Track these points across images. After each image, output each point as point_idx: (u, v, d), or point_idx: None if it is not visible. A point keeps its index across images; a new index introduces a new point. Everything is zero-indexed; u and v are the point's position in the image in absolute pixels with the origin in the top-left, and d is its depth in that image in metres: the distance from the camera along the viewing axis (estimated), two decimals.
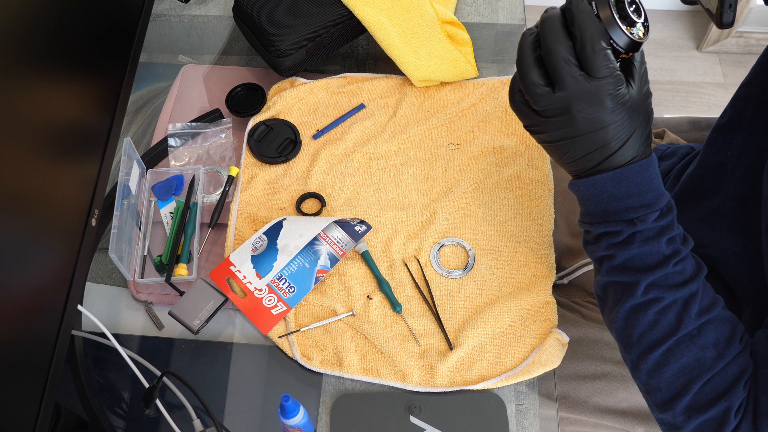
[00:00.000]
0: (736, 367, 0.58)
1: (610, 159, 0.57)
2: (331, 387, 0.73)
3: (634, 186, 0.58)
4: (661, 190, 0.59)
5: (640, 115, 0.57)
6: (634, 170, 0.58)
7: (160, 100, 0.93)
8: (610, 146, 0.57)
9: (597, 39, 0.53)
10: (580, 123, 0.56)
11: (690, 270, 0.60)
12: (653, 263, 0.59)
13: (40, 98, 0.61)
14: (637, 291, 0.60)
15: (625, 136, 0.56)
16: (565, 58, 0.54)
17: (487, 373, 0.71)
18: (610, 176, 0.58)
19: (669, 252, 0.59)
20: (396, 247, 0.79)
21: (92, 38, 0.73)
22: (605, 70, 0.53)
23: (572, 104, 0.55)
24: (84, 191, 0.69)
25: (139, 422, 0.72)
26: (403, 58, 0.88)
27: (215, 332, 0.76)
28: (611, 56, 0.54)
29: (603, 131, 0.56)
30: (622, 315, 0.61)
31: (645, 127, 0.58)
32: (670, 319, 0.59)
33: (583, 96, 0.54)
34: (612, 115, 0.55)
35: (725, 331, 0.59)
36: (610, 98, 0.54)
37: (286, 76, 0.91)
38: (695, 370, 0.58)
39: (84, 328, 0.76)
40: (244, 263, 0.76)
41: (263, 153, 0.85)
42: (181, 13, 1.02)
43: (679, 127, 1.06)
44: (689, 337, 0.58)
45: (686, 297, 0.59)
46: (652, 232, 0.59)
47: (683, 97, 1.96)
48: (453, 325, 0.74)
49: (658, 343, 0.59)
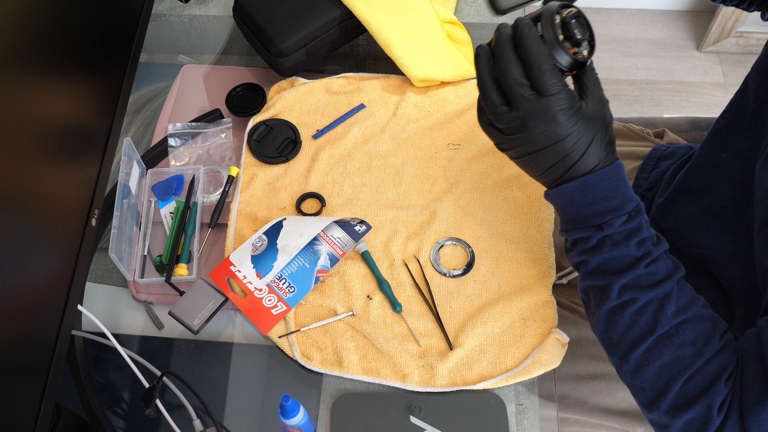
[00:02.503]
0: (717, 365, 0.59)
1: (574, 168, 0.60)
2: (331, 387, 0.73)
3: (600, 192, 0.60)
4: (629, 195, 0.61)
5: (597, 123, 0.59)
6: (598, 177, 0.60)
7: (160, 100, 0.93)
8: (570, 157, 0.59)
9: (542, 60, 0.56)
10: (538, 139, 0.58)
11: (664, 270, 0.61)
12: (625, 266, 0.61)
13: (40, 98, 0.62)
14: (611, 293, 0.61)
15: (584, 145, 0.59)
16: (516, 80, 0.57)
17: (487, 373, 0.71)
18: (575, 185, 0.60)
19: (640, 254, 0.61)
20: (396, 247, 0.79)
21: (92, 38, 0.73)
22: (554, 88, 0.56)
23: (528, 122, 0.58)
24: (84, 191, 0.69)
25: (139, 422, 0.72)
26: (403, 58, 0.88)
27: (215, 332, 0.76)
28: (558, 74, 0.57)
29: (561, 144, 0.58)
30: (601, 318, 0.63)
31: (604, 134, 0.60)
32: (646, 319, 0.60)
33: (537, 113, 0.57)
34: (566, 128, 0.57)
35: (704, 328, 0.60)
36: (561, 113, 0.57)
37: (286, 76, 0.91)
38: (675, 368, 0.59)
39: (84, 328, 0.76)
40: (244, 263, 0.76)
41: (263, 153, 0.85)
42: (181, 13, 1.02)
43: (679, 127, 1.06)
44: (667, 336, 0.60)
45: (661, 297, 0.60)
46: (621, 235, 0.61)
47: (683, 97, 1.96)
48: (453, 325, 0.74)
49: (637, 343, 0.60)
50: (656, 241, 0.62)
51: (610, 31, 2.10)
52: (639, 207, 0.61)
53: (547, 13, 0.57)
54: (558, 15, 0.57)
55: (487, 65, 0.59)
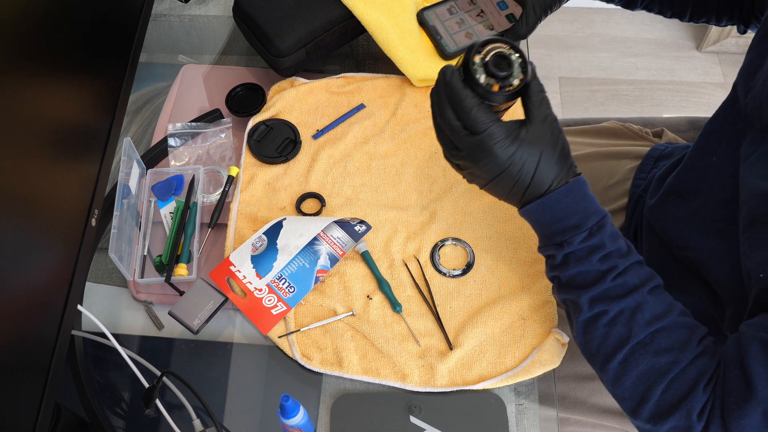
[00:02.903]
0: (694, 371, 0.59)
1: (530, 190, 0.62)
2: (331, 387, 0.73)
3: (558, 212, 0.62)
4: (590, 211, 0.62)
5: (541, 143, 0.60)
6: (555, 198, 0.62)
7: (160, 100, 0.93)
8: (522, 181, 0.61)
9: (464, 103, 0.59)
10: (485, 172, 0.61)
11: (634, 281, 0.62)
12: (592, 279, 0.63)
13: (40, 98, 0.62)
14: (582, 306, 0.63)
15: (531, 168, 0.60)
16: (451, 124, 0.60)
17: (487, 373, 0.71)
18: (534, 206, 0.63)
19: (605, 268, 0.62)
20: (396, 247, 0.79)
21: (92, 38, 0.73)
22: (482, 126, 0.59)
23: (472, 158, 0.61)
24: (84, 191, 0.69)
25: (139, 422, 0.72)
26: (402, 58, 0.88)
27: (215, 332, 0.76)
28: (485, 112, 0.59)
29: (506, 173, 0.61)
30: (578, 330, 0.64)
31: (552, 152, 0.61)
32: (619, 329, 0.61)
33: (475, 150, 0.60)
34: (505, 159, 0.60)
35: (680, 336, 0.61)
36: (496, 146, 0.59)
37: (286, 76, 0.91)
38: (652, 377, 0.60)
39: (84, 328, 0.76)
40: (244, 263, 0.76)
41: (263, 153, 0.85)
42: (181, 13, 1.02)
43: (678, 127, 1.06)
44: (642, 345, 0.61)
45: (632, 307, 0.61)
46: (583, 252, 0.62)
47: (683, 97, 1.96)
48: (453, 325, 0.74)
49: (613, 353, 0.61)
50: (624, 252, 0.63)
51: (610, 31, 2.10)
52: (602, 222, 0.63)
53: (465, 58, 0.59)
54: (477, 55, 0.59)
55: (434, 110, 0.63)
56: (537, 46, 2.05)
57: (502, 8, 0.91)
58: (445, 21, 0.90)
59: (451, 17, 0.90)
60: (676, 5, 0.87)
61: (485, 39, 0.60)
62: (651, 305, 0.61)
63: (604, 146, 1.03)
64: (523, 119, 0.61)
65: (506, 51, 0.59)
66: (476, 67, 0.59)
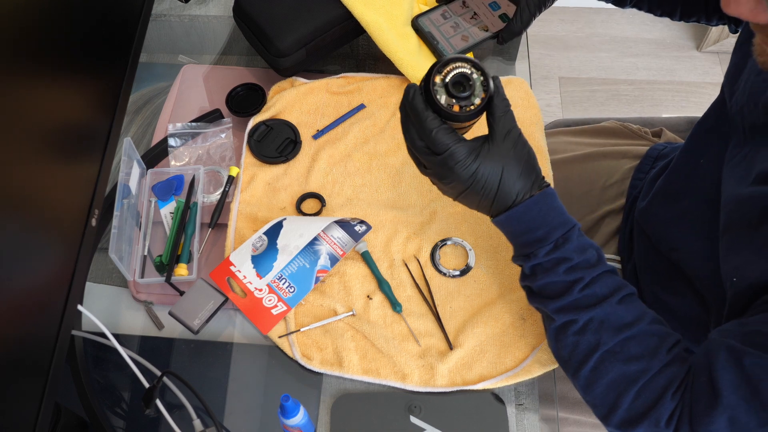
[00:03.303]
0: (663, 379, 0.60)
1: (497, 203, 0.63)
2: (331, 387, 0.73)
3: (524, 224, 0.63)
4: (556, 223, 0.63)
5: (503, 159, 0.61)
6: (520, 211, 0.63)
7: (160, 100, 0.93)
8: (487, 197, 0.62)
9: (426, 125, 0.60)
10: (450, 188, 0.63)
11: (603, 291, 0.63)
12: (559, 291, 0.64)
13: (40, 98, 0.61)
14: (552, 316, 0.64)
15: (494, 184, 0.62)
16: (415, 144, 0.62)
17: (487, 373, 0.71)
18: (502, 218, 0.64)
19: (571, 279, 0.63)
20: (396, 247, 0.79)
21: (92, 38, 0.73)
22: (442, 147, 0.60)
23: (437, 176, 0.63)
24: (84, 191, 0.69)
25: (139, 422, 0.72)
26: (401, 59, 0.88)
27: (215, 332, 0.76)
28: (446, 133, 0.60)
29: (470, 189, 0.62)
30: (550, 339, 0.66)
31: (515, 166, 0.62)
32: (588, 337, 0.62)
33: (438, 168, 0.62)
34: (467, 176, 0.61)
35: (650, 344, 0.61)
36: (457, 166, 0.60)
37: (286, 76, 0.91)
38: (622, 384, 0.60)
39: (84, 328, 0.76)
40: (244, 263, 0.76)
41: (263, 153, 0.85)
42: (181, 13, 1.02)
43: (677, 127, 1.06)
44: (612, 353, 0.61)
45: (601, 316, 0.62)
46: (549, 264, 0.63)
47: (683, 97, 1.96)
48: (453, 325, 0.74)
49: (584, 361, 0.62)
50: (593, 263, 0.64)
51: (610, 31, 2.10)
52: (568, 234, 0.63)
53: (425, 80, 0.60)
54: (438, 75, 0.60)
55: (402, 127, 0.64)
56: (537, 46, 2.05)
57: (494, 9, 0.91)
58: (440, 26, 0.90)
59: (445, 22, 0.91)
60: (665, 4, 0.87)
61: (447, 58, 0.60)
62: (620, 314, 0.62)
63: (603, 146, 1.03)
64: (486, 134, 0.62)
65: (467, 70, 0.60)
66: (437, 88, 0.59)
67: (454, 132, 0.61)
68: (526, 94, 0.91)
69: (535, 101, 0.90)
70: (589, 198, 0.97)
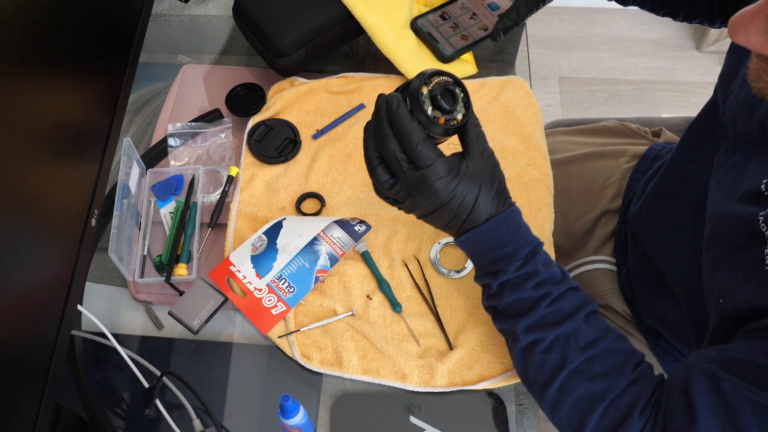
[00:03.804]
0: (629, 397, 0.59)
1: (467, 222, 0.63)
2: (331, 387, 0.73)
3: (493, 241, 0.63)
4: (524, 240, 0.63)
5: (480, 178, 0.62)
6: (490, 227, 0.62)
7: (160, 100, 0.93)
8: (460, 215, 0.62)
9: (412, 136, 0.59)
10: (424, 205, 0.62)
11: (568, 308, 0.63)
12: (526, 307, 0.63)
13: (40, 98, 0.61)
14: (519, 335, 0.63)
15: (470, 202, 0.61)
16: (393, 156, 0.60)
17: (487, 373, 0.71)
18: (470, 236, 0.63)
19: (539, 295, 0.63)
20: (396, 247, 0.79)
21: (92, 38, 0.73)
22: (427, 161, 0.59)
23: (411, 192, 0.61)
24: (84, 191, 0.69)
25: (139, 422, 0.72)
26: (401, 59, 0.88)
27: (215, 332, 0.76)
28: (431, 146, 0.60)
29: (446, 206, 0.61)
30: (517, 359, 0.65)
31: (490, 186, 0.62)
32: (555, 356, 0.62)
33: (416, 185, 0.60)
34: (447, 193, 0.60)
35: (615, 361, 0.61)
36: (439, 182, 0.60)
37: (286, 76, 0.91)
38: (587, 403, 0.60)
39: (84, 328, 0.76)
40: (243, 263, 0.76)
41: (263, 153, 0.85)
42: (181, 13, 1.02)
43: (677, 127, 1.06)
44: (577, 372, 0.61)
45: (567, 334, 0.62)
46: (518, 279, 0.63)
47: (683, 97, 1.96)
48: (453, 325, 0.74)
49: (550, 380, 0.62)
50: (558, 279, 0.64)
51: (610, 31, 2.10)
52: (535, 250, 0.64)
53: (414, 90, 0.59)
54: (425, 86, 0.59)
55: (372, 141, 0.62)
56: (537, 46, 2.05)
57: (493, 9, 0.91)
58: (439, 26, 0.91)
59: (444, 23, 0.91)
60: (668, 4, 0.87)
61: (432, 71, 0.60)
62: (585, 332, 0.62)
63: (602, 145, 1.03)
64: (461, 153, 0.62)
65: (452, 86, 0.60)
66: (424, 98, 0.59)
67: (436, 146, 0.61)
68: (526, 94, 0.91)
69: (535, 101, 0.90)
70: (587, 198, 0.97)
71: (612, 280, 0.91)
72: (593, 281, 0.92)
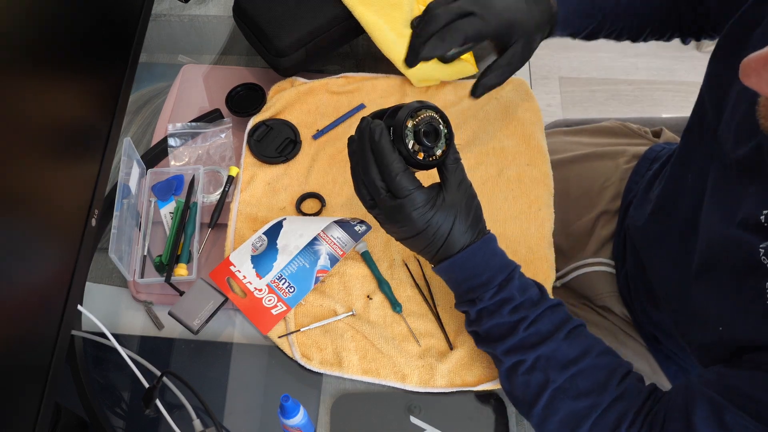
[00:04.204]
0: (614, 414, 0.60)
1: (442, 251, 0.64)
2: (331, 387, 0.73)
3: (468, 270, 0.65)
4: (498, 266, 0.65)
5: (455, 209, 0.63)
6: (465, 257, 0.64)
7: (160, 100, 0.93)
8: (435, 243, 0.64)
9: (392, 167, 0.61)
10: (401, 231, 0.64)
11: (547, 328, 0.63)
12: (505, 332, 0.64)
13: (40, 98, 0.61)
14: (501, 358, 0.65)
15: (444, 232, 0.63)
16: (373, 183, 0.62)
17: (487, 373, 0.71)
18: (446, 266, 0.65)
19: (515, 319, 0.64)
20: (396, 247, 0.79)
21: (92, 38, 0.73)
22: (405, 192, 0.61)
23: (388, 218, 0.63)
24: (84, 191, 0.69)
25: (139, 422, 0.72)
26: (401, 59, 0.88)
27: (215, 332, 0.76)
28: (410, 177, 0.61)
29: (422, 234, 0.63)
30: (503, 380, 0.66)
31: (466, 217, 0.64)
32: (537, 376, 0.62)
33: (393, 212, 0.62)
34: (422, 223, 0.62)
35: (599, 378, 0.62)
36: (415, 212, 0.61)
37: (286, 76, 0.91)
38: (573, 422, 0.61)
39: (84, 328, 0.76)
40: (244, 263, 0.76)
41: (263, 153, 0.85)
42: (181, 13, 1.02)
43: (677, 127, 1.06)
44: (562, 390, 0.61)
45: (548, 353, 0.63)
46: (494, 306, 0.65)
47: (683, 97, 1.96)
48: (453, 325, 0.74)
49: (536, 399, 0.62)
50: (536, 301, 0.65)
51: None
52: (511, 275, 0.65)
53: (399, 122, 0.61)
54: (411, 119, 0.61)
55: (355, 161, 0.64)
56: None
57: None
58: None
59: None
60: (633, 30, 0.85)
61: (417, 104, 0.61)
62: (566, 350, 0.62)
63: (602, 145, 1.03)
64: (439, 183, 0.63)
65: (436, 122, 0.61)
66: (407, 132, 0.61)
67: (415, 177, 0.62)
68: (526, 94, 0.91)
69: (535, 101, 0.90)
70: (587, 199, 0.97)
71: (611, 283, 0.91)
72: (592, 283, 0.92)
